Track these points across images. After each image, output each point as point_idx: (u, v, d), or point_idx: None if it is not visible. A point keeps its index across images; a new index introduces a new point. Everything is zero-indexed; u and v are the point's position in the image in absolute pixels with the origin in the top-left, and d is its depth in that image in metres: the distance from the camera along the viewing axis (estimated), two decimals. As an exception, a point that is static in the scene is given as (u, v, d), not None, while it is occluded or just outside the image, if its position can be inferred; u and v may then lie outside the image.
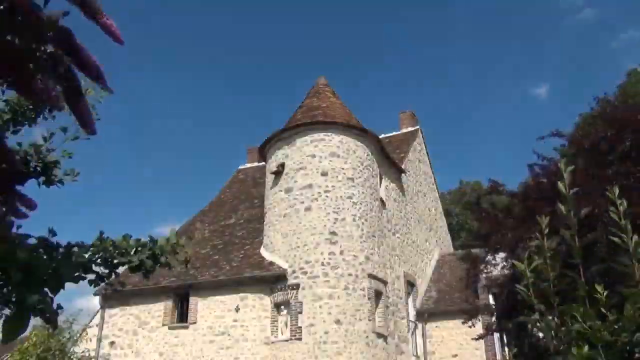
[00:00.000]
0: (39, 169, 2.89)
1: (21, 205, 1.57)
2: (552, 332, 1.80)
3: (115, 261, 2.46)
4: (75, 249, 2.33)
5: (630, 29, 65.62)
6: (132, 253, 2.51)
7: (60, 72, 1.30)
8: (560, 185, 1.97)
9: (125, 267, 2.62)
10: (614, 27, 67.05)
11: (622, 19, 64.18)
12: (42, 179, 2.96)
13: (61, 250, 2.22)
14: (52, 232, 2.20)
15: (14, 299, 1.36)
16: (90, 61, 1.29)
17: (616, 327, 1.72)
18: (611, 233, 1.96)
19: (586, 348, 1.65)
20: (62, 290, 2.18)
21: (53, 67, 1.29)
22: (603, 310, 1.80)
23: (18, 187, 1.60)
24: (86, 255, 2.35)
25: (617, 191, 2.09)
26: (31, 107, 3.09)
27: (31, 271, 1.35)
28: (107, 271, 2.48)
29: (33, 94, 1.27)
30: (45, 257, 1.94)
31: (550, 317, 1.83)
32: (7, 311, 1.44)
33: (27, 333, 11.89)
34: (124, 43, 1.31)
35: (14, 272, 1.29)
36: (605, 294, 1.86)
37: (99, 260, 2.42)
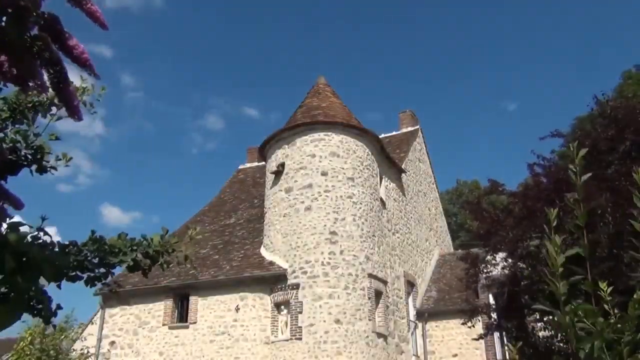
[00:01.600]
0: (29, 156, 2.84)
1: (8, 205, 1.55)
2: (568, 329, 1.76)
3: (110, 261, 2.43)
4: (70, 247, 2.32)
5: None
6: (126, 252, 2.48)
7: (46, 57, 1.28)
8: (570, 169, 1.87)
9: (123, 267, 2.59)
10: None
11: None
12: (34, 167, 2.91)
13: (55, 249, 2.20)
14: (44, 231, 2.17)
15: (6, 288, 1.34)
16: (78, 47, 1.27)
17: (619, 325, 1.70)
18: (627, 223, 1.90)
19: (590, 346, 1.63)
20: (61, 285, 2.17)
21: (39, 52, 1.27)
22: (606, 308, 1.77)
23: (7, 184, 1.58)
24: (81, 255, 2.32)
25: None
26: (30, 105, 3.05)
27: (25, 258, 1.33)
28: (103, 271, 2.46)
29: (21, 79, 1.24)
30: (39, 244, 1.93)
31: (563, 315, 1.79)
32: None
33: (23, 333, 11.88)
34: (108, 28, 1.29)
35: (6, 258, 1.26)
36: (608, 291, 1.83)
37: (94, 260, 2.39)
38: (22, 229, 1.71)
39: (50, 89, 1.30)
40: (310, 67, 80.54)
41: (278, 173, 16.20)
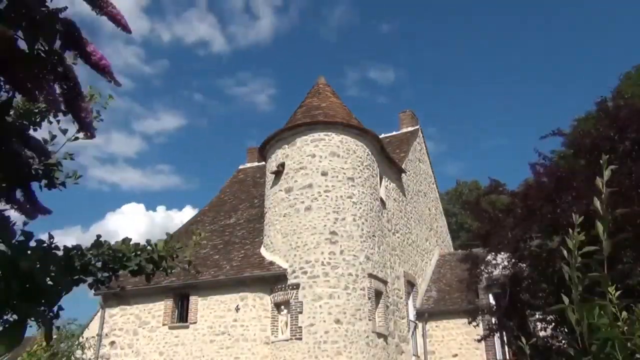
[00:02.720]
0: (40, 171, 2.85)
1: (35, 211, 1.54)
2: (582, 323, 1.77)
3: (114, 265, 2.44)
4: (74, 252, 2.32)
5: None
6: (130, 257, 2.49)
7: (60, 71, 1.26)
8: (598, 181, 2.01)
9: (126, 271, 2.60)
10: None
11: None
12: (44, 182, 2.91)
13: (60, 254, 2.20)
14: (50, 236, 2.18)
15: (11, 312, 1.34)
16: (96, 54, 1.25)
17: (627, 327, 1.70)
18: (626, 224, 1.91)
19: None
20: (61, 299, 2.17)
21: (52, 66, 1.25)
22: (614, 310, 1.79)
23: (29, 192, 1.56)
24: (85, 259, 2.33)
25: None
26: (36, 110, 3.05)
27: (31, 281, 1.32)
28: (106, 275, 2.46)
29: (32, 93, 1.22)
30: (46, 262, 1.92)
31: (578, 310, 1.80)
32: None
33: (36, 334, 11.92)
34: (131, 32, 1.27)
35: (14, 282, 1.25)
36: (616, 294, 1.84)
37: (98, 265, 2.40)
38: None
39: (62, 105, 1.28)
40: (310, 67, 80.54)
41: (278, 173, 16.19)
